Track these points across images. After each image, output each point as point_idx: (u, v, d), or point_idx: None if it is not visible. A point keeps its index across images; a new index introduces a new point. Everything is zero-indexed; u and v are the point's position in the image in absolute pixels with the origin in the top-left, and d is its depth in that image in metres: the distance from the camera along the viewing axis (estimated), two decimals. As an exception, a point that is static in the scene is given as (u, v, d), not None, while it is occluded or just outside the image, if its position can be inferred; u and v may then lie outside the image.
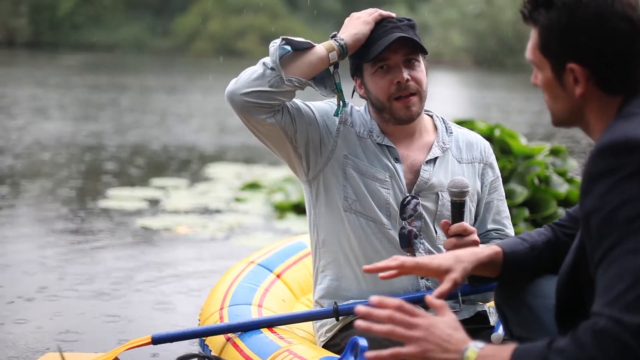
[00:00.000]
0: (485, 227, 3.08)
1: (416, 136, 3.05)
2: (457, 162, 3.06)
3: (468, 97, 23.52)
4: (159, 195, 8.33)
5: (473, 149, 3.11)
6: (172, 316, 4.71)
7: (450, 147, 3.07)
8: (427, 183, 2.98)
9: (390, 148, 3.00)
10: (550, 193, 6.25)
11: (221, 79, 25.06)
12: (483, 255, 2.36)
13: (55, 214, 7.40)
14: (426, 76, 2.99)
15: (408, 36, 2.89)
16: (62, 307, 4.75)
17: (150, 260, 5.99)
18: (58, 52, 34.16)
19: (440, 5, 42.99)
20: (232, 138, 13.45)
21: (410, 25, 2.95)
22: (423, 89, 2.96)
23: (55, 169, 10.00)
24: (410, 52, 2.93)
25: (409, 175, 3.00)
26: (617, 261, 1.79)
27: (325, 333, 3.06)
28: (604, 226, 1.83)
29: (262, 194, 8.47)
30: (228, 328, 3.04)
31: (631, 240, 1.78)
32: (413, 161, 3.02)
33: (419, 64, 2.96)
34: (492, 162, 3.14)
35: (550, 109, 2.09)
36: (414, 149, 3.04)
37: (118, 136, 12.90)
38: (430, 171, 3.00)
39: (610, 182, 1.83)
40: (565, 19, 1.97)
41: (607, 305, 1.78)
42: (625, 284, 1.76)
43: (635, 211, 1.79)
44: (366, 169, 2.97)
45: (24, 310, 4.66)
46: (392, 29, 2.92)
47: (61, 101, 17.56)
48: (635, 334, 1.72)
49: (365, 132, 3.02)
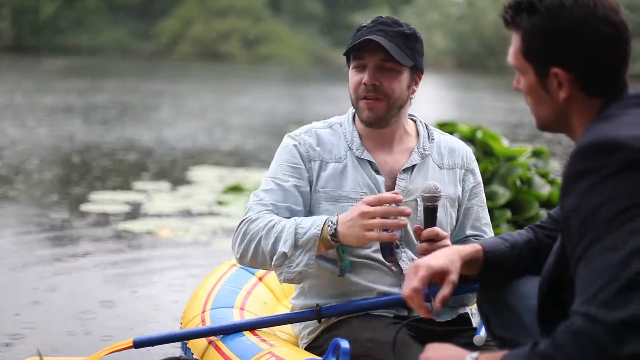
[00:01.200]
0: (464, 232, 3.08)
1: (396, 141, 3.03)
2: (438, 168, 3.05)
3: (450, 99, 23.59)
4: (140, 199, 8.31)
5: (455, 154, 3.09)
6: (154, 319, 4.68)
7: (430, 153, 3.05)
8: (405, 190, 2.97)
9: (370, 162, 2.98)
10: (533, 195, 6.26)
11: (204, 82, 25.04)
12: (465, 253, 2.37)
13: (36, 218, 7.36)
14: (407, 88, 2.95)
15: (377, 41, 2.85)
16: (44, 312, 4.72)
17: (132, 264, 5.97)
18: (40, 55, 34.09)
19: (423, 7, 43.19)
20: (215, 141, 13.43)
21: (402, 33, 2.91)
22: (393, 97, 2.91)
23: (36, 172, 9.95)
24: (385, 58, 2.89)
25: (388, 182, 2.99)
26: (595, 259, 1.80)
27: (307, 335, 3.05)
28: (583, 225, 1.83)
29: (245, 197, 8.46)
30: (210, 331, 3.03)
31: (609, 239, 1.79)
32: (392, 168, 3.00)
33: (395, 73, 2.91)
34: (473, 168, 3.13)
35: (534, 114, 2.09)
36: (394, 153, 3.02)
37: (100, 140, 12.86)
38: (407, 179, 2.99)
39: (589, 182, 1.83)
40: (549, 23, 1.97)
41: (584, 303, 1.78)
42: (602, 281, 1.76)
43: (614, 210, 1.79)
44: (338, 195, 2.96)
45: (3, 315, 4.63)
46: (376, 31, 2.90)
47: (42, 105, 17.49)
48: (612, 331, 1.72)
49: (343, 150, 3.00)
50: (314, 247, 2.81)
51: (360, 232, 2.73)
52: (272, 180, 2.98)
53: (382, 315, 2.91)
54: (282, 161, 3.00)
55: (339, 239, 2.79)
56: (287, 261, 2.84)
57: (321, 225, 2.81)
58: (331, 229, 2.79)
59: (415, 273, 2.26)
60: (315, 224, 2.82)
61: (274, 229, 2.86)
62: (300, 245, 2.82)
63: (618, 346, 1.72)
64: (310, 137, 3.02)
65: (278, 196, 2.95)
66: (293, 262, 2.84)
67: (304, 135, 3.03)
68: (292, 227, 2.83)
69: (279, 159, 3.02)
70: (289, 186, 2.95)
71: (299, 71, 36.75)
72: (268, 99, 22.40)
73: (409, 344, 2.73)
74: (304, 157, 2.99)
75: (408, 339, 2.77)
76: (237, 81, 28.44)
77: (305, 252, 2.82)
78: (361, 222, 2.72)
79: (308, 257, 2.82)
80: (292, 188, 2.95)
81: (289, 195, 2.95)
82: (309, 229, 2.81)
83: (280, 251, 2.84)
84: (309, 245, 2.81)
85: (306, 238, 2.81)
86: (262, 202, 2.95)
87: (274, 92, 25.12)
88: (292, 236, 2.82)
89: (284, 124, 16.16)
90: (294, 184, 2.96)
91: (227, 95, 22.55)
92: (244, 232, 2.93)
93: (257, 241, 2.89)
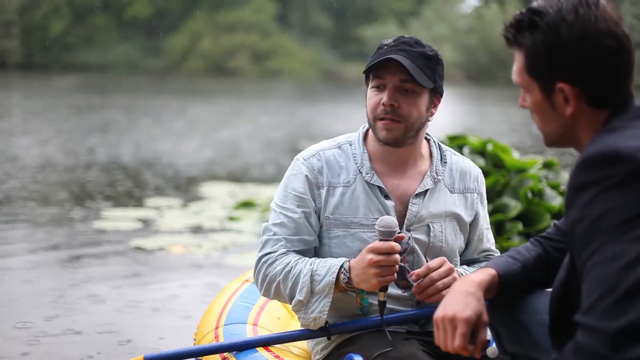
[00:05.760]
0: (474, 255, 3.10)
1: (410, 164, 3.01)
2: (449, 192, 3.03)
3: (460, 112, 23.57)
4: (153, 215, 8.33)
5: (466, 178, 3.08)
6: (167, 336, 4.70)
7: (443, 177, 3.04)
8: (417, 216, 2.97)
9: (380, 188, 2.97)
10: (544, 206, 6.26)
11: (214, 97, 25.07)
12: (485, 284, 2.32)
13: (49, 235, 7.39)
14: (426, 111, 2.92)
15: (399, 60, 2.82)
16: (55, 327, 4.74)
17: (145, 281, 5.98)
18: (50, 73, 34.21)
19: (431, 21, 43.20)
20: (225, 156, 13.45)
21: (424, 54, 2.88)
22: (411, 120, 2.88)
23: (49, 190, 9.99)
24: (406, 79, 2.85)
25: (399, 207, 2.97)
26: (596, 268, 1.81)
27: (320, 351, 3.06)
28: (587, 235, 1.84)
29: (256, 212, 8.48)
30: (223, 347, 3.04)
31: (610, 248, 1.80)
32: (403, 192, 2.99)
33: (415, 95, 2.88)
34: (482, 191, 3.13)
35: (542, 130, 2.10)
36: (406, 177, 3.00)
37: (111, 157, 12.90)
38: (420, 204, 2.97)
39: (593, 193, 1.84)
40: (551, 39, 1.98)
41: (585, 314, 1.79)
42: (602, 290, 1.77)
43: (616, 220, 1.80)
44: (349, 221, 2.95)
45: (16, 330, 4.65)
46: (397, 50, 2.86)
47: (53, 122, 17.55)
48: (611, 340, 1.73)
49: (352, 173, 2.98)
50: (330, 293, 2.85)
51: (374, 281, 2.76)
52: (282, 213, 2.98)
53: (395, 331, 2.92)
54: (291, 189, 2.99)
55: (353, 285, 2.83)
56: (303, 307, 2.89)
57: (336, 272, 2.84)
58: (345, 277, 2.83)
59: (454, 330, 2.18)
60: (330, 270, 2.84)
61: (290, 273, 2.90)
62: (317, 292, 2.86)
63: (617, 355, 1.72)
64: (319, 161, 3.00)
65: (290, 230, 2.96)
66: (309, 308, 2.88)
67: (313, 160, 3.00)
68: (307, 274, 2.86)
69: (288, 185, 3.01)
70: (298, 218, 2.96)
71: (308, 85, 36.79)
72: (277, 113, 22.42)
73: (422, 359, 2.73)
74: (313, 184, 2.97)
75: (421, 354, 2.77)
76: (247, 96, 28.49)
77: (321, 299, 2.86)
78: (372, 271, 2.74)
79: (323, 304, 2.86)
80: (301, 219, 2.96)
81: (300, 228, 2.96)
82: (324, 277, 2.84)
83: (297, 299, 2.88)
84: (325, 292, 2.85)
85: (322, 286, 2.85)
86: (276, 237, 2.97)
87: (284, 106, 25.14)
88: (308, 284, 2.86)
89: (294, 138, 16.19)
90: (303, 214, 2.96)
91: (237, 110, 22.59)
92: (263, 273, 2.97)
93: (276, 284, 2.94)
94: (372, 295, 2.92)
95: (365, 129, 3.05)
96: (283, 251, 2.95)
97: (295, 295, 2.89)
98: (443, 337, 2.19)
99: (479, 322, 2.20)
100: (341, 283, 2.83)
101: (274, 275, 2.93)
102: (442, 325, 2.19)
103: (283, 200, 3.00)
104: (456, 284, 2.28)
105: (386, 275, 2.75)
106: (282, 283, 2.91)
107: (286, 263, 2.91)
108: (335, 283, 2.83)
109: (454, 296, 2.22)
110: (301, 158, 3.02)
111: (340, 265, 2.83)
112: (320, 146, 3.06)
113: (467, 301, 2.20)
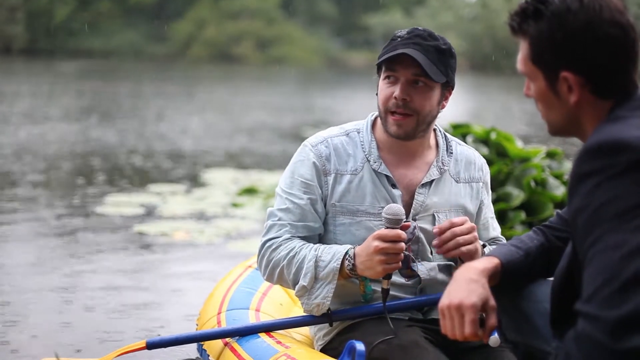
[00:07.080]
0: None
1: (418, 154, 3.01)
2: (455, 182, 3.04)
3: (464, 101, 23.54)
4: (156, 201, 8.34)
5: (471, 167, 3.09)
6: (170, 321, 4.70)
7: (448, 167, 3.04)
8: (422, 205, 2.97)
9: (387, 177, 2.97)
10: (547, 196, 6.26)
11: (218, 84, 25.06)
12: (488, 272, 2.32)
13: (52, 219, 7.40)
14: (437, 104, 2.91)
15: (411, 55, 2.80)
16: (58, 314, 4.75)
17: (147, 266, 5.99)
18: (54, 58, 34.19)
19: (436, 9, 43.15)
20: (229, 143, 13.46)
21: (437, 48, 2.86)
22: (422, 114, 2.88)
23: (52, 174, 10.00)
24: (419, 73, 2.84)
25: (405, 197, 2.98)
26: (598, 257, 1.81)
27: (322, 337, 3.07)
28: (589, 224, 1.85)
29: (259, 199, 8.48)
30: (225, 333, 3.05)
31: (612, 237, 1.80)
32: (410, 182, 2.99)
33: (427, 89, 2.87)
34: (487, 181, 3.14)
35: (546, 119, 2.10)
36: (413, 167, 3.01)
37: (115, 142, 12.91)
38: (425, 194, 2.98)
39: (595, 182, 1.85)
40: (556, 28, 1.98)
41: (586, 302, 1.80)
42: (603, 279, 1.78)
43: (618, 209, 1.81)
44: (356, 209, 2.95)
45: (21, 316, 4.66)
46: (411, 43, 2.84)
47: (57, 107, 17.56)
48: (611, 329, 1.74)
49: (359, 161, 2.98)
50: (334, 280, 2.86)
51: (379, 268, 2.77)
52: (287, 198, 2.98)
53: (397, 318, 2.92)
54: (297, 175, 2.99)
55: (357, 272, 2.83)
56: (307, 293, 2.90)
57: (340, 258, 2.84)
58: (349, 263, 2.83)
59: (461, 318, 2.18)
60: (335, 257, 2.85)
61: (294, 259, 2.90)
62: (320, 278, 2.87)
63: (618, 343, 1.73)
64: (327, 148, 2.99)
65: (295, 215, 2.97)
66: (313, 294, 2.89)
67: (321, 146, 2.99)
68: (312, 260, 2.87)
69: (295, 171, 3.01)
70: (304, 204, 2.96)
71: (312, 73, 36.76)
72: (282, 100, 22.42)
73: (424, 346, 2.74)
74: (320, 171, 2.97)
75: (423, 341, 2.78)
76: (251, 83, 28.47)
77: (325, 285, 2.87)
78: (377, 257, 2.75)
79: (327, 290, 2.87)
80: (307, 206, 2.96)
81: (305, 214, 2.96)
82: (328, 263, 2.85)
83: (301, 284, 2.89)
84: (329, 278, 2.86)
85: (326, 272, 2.85)
86: (281, 222, 2.98)
87: (288, 93, 25.14)
88: (312, 269, 2.86)
89: (298, 125, 16.19)
90: (309, 201, 2.96)
91: (241, 97, 22.58)
92: (267, 258, 2.98)
93: (279, 269, 2.95)
94: (375, 282, 2.92)
95: (374, 117, 3.05)
96: (287, 236, 2.95)
97: (299, 280, 2.89)
98: (450, 325, 2.19)
99: (487, 308, 2.21)
100: (345, 270, 2.84)
101: (278, 260, 2.94)
102: (448, 313, 2.19)
103: (289, 186, 3.00)
104: (459, 272, 2.28)
105: (391, 262, 2.76)
106: (286, 268, 2.92)
107: (290, 248, 2.92)
108: (340, 270, 2.84)
109: (458, 284, 2.22)
110: (309, 144, 3.02)
111: (345, 252, 2.84)
112: (328, 133, 3.05)
113: (471, 288, 2.20)
